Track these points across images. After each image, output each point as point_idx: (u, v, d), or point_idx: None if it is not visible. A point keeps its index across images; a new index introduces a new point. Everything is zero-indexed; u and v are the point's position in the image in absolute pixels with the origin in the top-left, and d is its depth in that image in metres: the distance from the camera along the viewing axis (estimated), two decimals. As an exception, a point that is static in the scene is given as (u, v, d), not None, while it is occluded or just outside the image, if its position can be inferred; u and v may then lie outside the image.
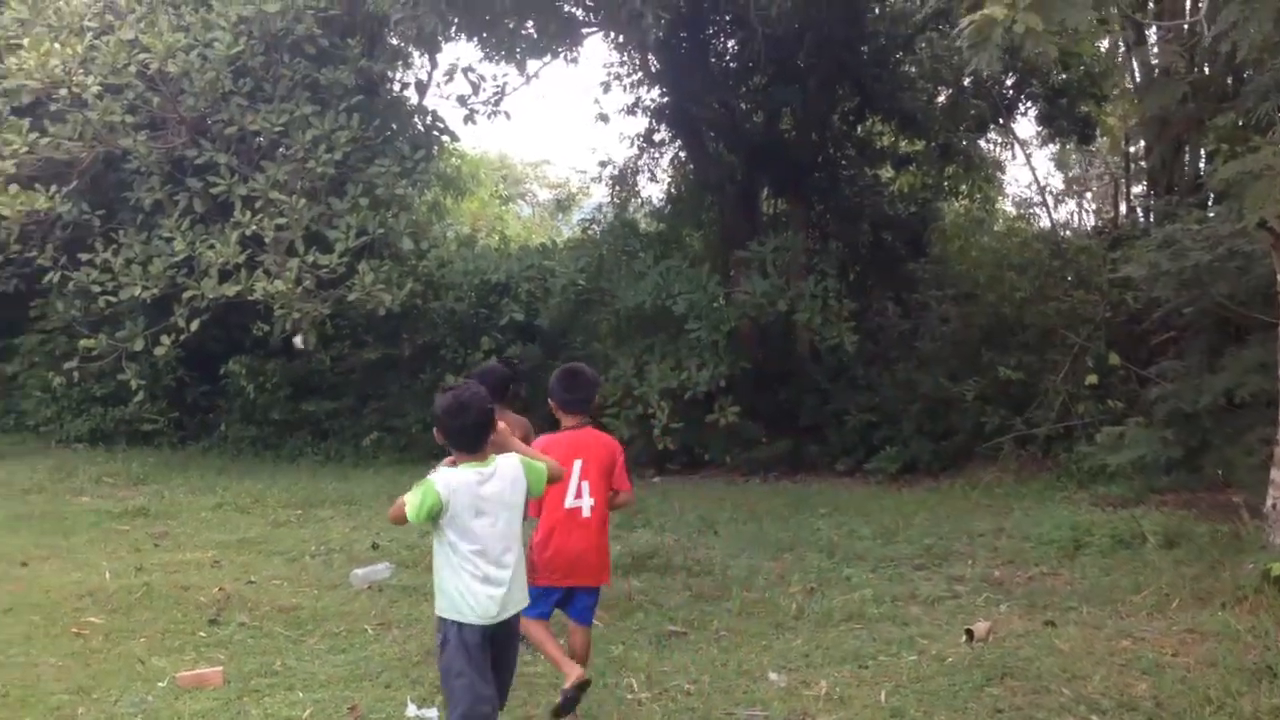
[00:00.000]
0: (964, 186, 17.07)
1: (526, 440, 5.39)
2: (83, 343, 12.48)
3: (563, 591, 5.31)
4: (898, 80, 15.08)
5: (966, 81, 14.72)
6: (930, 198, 16.51)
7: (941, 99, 15.75)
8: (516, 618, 4.44)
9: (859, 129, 16.22)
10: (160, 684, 5.83)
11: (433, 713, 5.41)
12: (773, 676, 5.86)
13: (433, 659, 6.20)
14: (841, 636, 6.56)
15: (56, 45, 11.08)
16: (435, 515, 4.16)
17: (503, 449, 4.43)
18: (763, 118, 15.51)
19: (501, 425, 4.50)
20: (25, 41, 11.20)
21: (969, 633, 6.37)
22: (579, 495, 5.24)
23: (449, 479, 4.20)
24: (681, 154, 17.02)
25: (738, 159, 14.97)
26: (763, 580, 7.94)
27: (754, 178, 15.05)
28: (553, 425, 5.53)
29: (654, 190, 18.51)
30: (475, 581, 4.21)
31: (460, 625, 4.24)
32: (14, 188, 11.24)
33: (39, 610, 7.15)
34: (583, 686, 5.01)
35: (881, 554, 8.64)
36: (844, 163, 15.92)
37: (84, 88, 11.33)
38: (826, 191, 15.42)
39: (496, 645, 4.33)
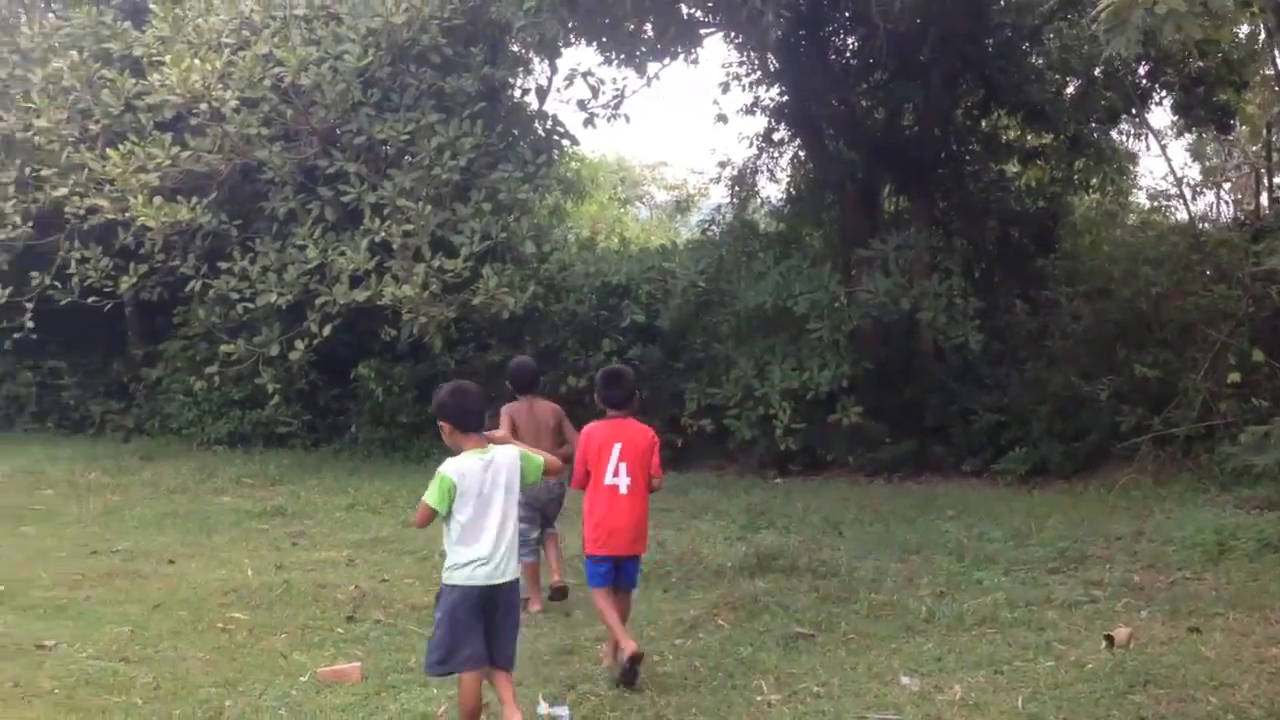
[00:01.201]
0: (1095, 180, 16.56)
1: (559, 422, 7.36)
2: (222, 348, 12.95)
3: (613, 562, 6.05)
4: (1024, 72, 14.70)
5: (1097, 71, 14.28)
6: (1059, 192, 16.05)
7: (1071, 90, 15.30)
8: (515, 586, 5.11)
9: (984, 123, 15.87)
10: (302, 678, 6.02)
11: (563, 710, 5.46)
12: (904, 680, 5.78)
13: (563, 657, 6.30)
14: (974, 641, 6.44)
15: (196, 61, 11.48)
16: (451, 498, 4.86)
17: (503, 444, 5.22)
18: (884, 114, 15.29)
19: (503, 433, 5.64)
20: (167, 59, 11.65)
21: (1109, 638, 6.19)
22: (616, 474, 6.04)
23: (457, 465, 4.91)
24: (801, 153, 16.88)
25: (858, 156, 14.78)
26: (891, 582, 7.84)
27: (875, 175, 14.84)
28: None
29: (773, 190, 18.38)
30: (473, 549, 4.90)
31: (454, 589, 4.93)
32: (158, 200, 11.71)
33: (187, 606, 7.44)
34: (637, 659, 5.70)
35: (1014, 557, 8.44)
36: (968, 158, 15.60)
37: (222, 102, 11.73)
38: (950, 188, 15.13)
39: (497, 608, 4.98)
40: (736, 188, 18.05)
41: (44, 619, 7.17)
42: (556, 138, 15.33)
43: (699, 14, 12.99)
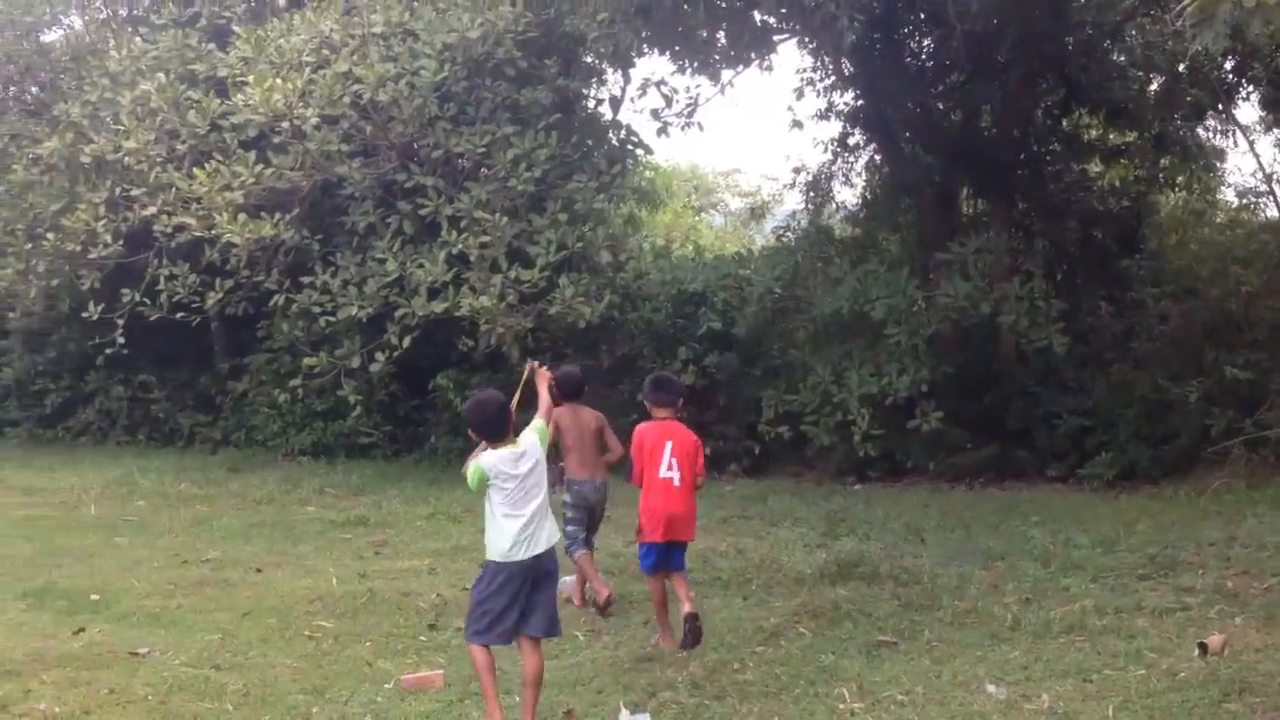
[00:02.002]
0: (1180, 178, 16.18)
1: (601, 427, 7.69)
2: (305, 361, 13.19)
3: (662, 548, 6.71)
4: (1106, 70, 14.42)
5: (1181, 68, 13.95)
6: (1144, 191, 15.71)
7: (1154, 87, 14.99)
8: (551, 557, 5.49)
9: (1065, 122, 15.60)
10: (386, 686, 6.11)
11: (645, 717, 5.47)
12: (990, 689, 5.69)
13: (644, 665, 6.31)
14: (1062, 649, 6.32)
15: (278, 81, 11.73)
16: (484, 484, 5.35)
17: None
18: (961, 116, 15.11)
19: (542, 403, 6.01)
20: (250, 79, 11.91)
21: (1202, 646, 6.04)
22: (670, 468, 6.76)
23: (490, 459, 5.38)
24: (876, 157, 16.74)
25: (935, 159, 14.61)
26: (974, 589, 7.72)
27: (952, 178, 14.67)
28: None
29: (848, 195, 18.23)
30: (514, 525, 5.34)
31: (497, 565, 5.38)
32: (242, 217, 11.96)
33: (274, 614, 7.58)
34: (692, 616, 6.56)
35: (1101, 563, 8.26)
36: (1049, 158, 15.33)
37: (303, 120, 11.96)
38: (1030, 189, 14.89)
39: (535, 581, 5.42)
40: (811, 193, 17.94)
41: (138, 627, 7.36)
42: (630, 147, 15.38)
43: (772, 20, 12.95)
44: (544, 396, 6.03)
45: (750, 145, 50.59)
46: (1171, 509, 10.40)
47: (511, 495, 5.35)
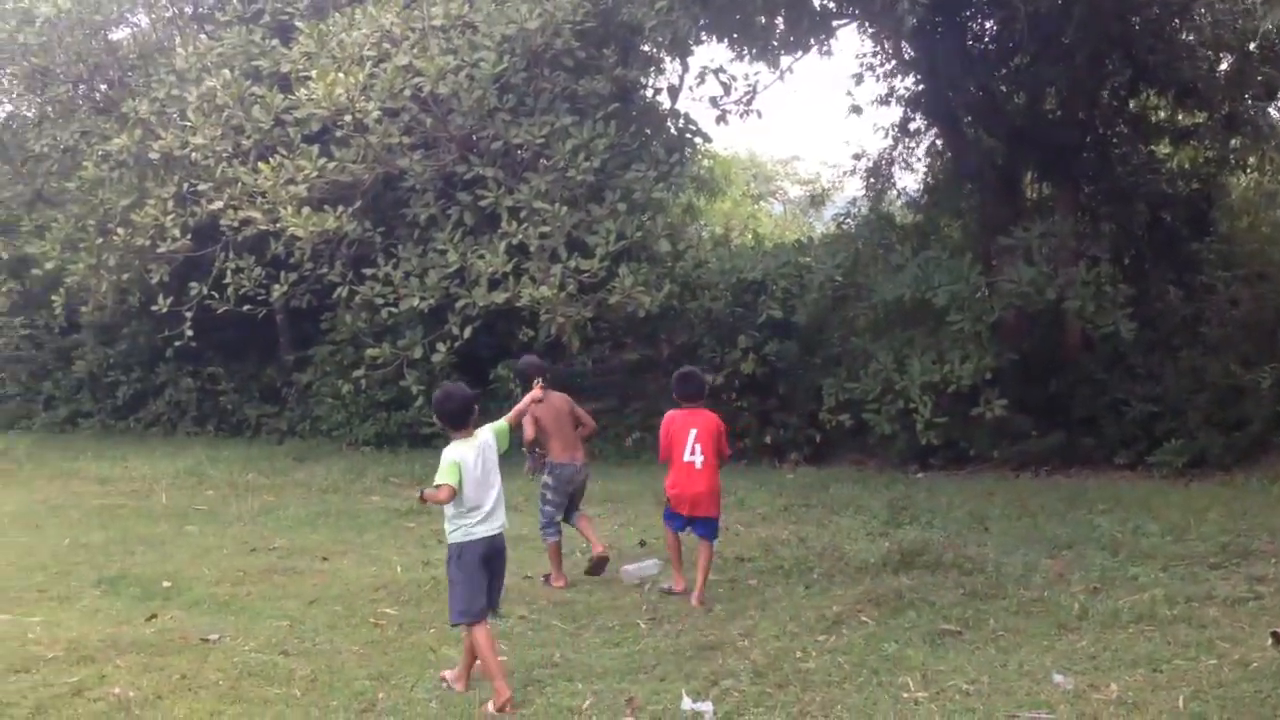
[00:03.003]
0: (1252, 159, 15.76)
1: (570, 408, 8.22)
2: (368, 352, 13.36)
3: (685, 517, 7.62)
4: (1175, 50, 14.10)
5: (1252, 46, 13.62)
6: (1214, 172, 15.36)
7: (1224, 67, 14.62)
8: (503, 539, 6.09)
9: (1132, 104, 15.28)
10: (449, 672, 6.16)
11: (707, 706, 5.47)
12: (1057, 679, 5.63)
13: (706, 653, 6.32)
14: (1131, 638, 6.23)
15: (340, 75, 11.84)
16: (460, 475, 5.83)
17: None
18: (1024, 99, 14.87)
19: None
20: (313, 74, 12.04)
21: (1275, 635, 5.94)
22: (693, 453, 7.51)
23: (458, 450, 5.92)
24: (938, 141, 16.53)
25: (998, 143, 14.41)
26: (1040, 579, 7.63)
27: (1016, 162, 14.45)
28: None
29: (910, 180, 18.04)
30: (476, 514, 5.92)
31: (463, 546, 5.93)
32: (306, 210, 12.10)
33: (340, 601, 7.70)
34: (698, 598, 7.41)
35: (1171, 552, 8.13)
36: (1115, 140, 15.04)
37: (365, 113, 12.07)
38: (1097, 172, 14.62)
39: (494, 556, 6.03)
40: (872, 180, 17.78)
41: (209, 614, 7.51)
42: (689, 136, 15.35)
43: (832, 5, 12.86)
44: (522, 405, 6.88)
45: (809, 132, 50.26)
46: (1244, 496, 10.20)
47: (475, 480, 5.89)
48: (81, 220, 14.37)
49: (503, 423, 6.32)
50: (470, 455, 5.93)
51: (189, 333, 13.59)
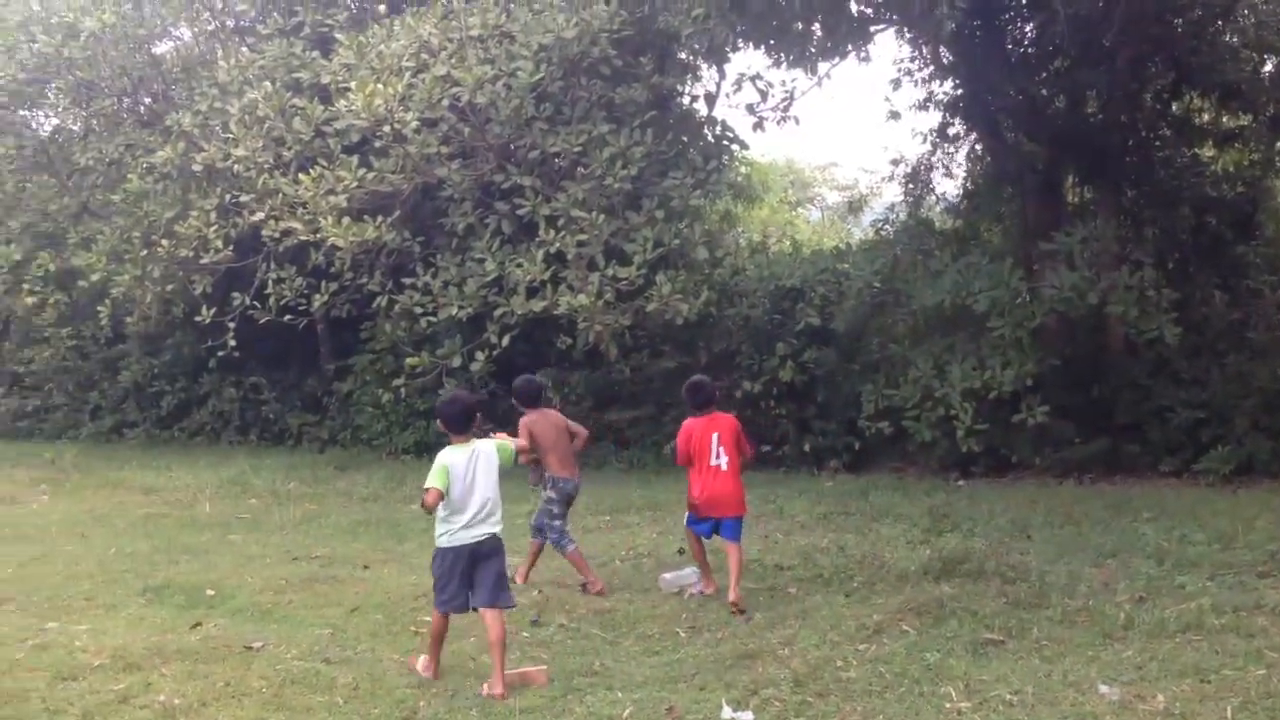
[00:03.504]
0: (1299, 161, 15.58)
1: (565, 423, 8.44)
2: (408, 361, 13.43)
3: (713, 521, 7.77)
4: (1217, 51, 13.93)
5: (1297, 46, 13.46)
6: (1260, 175, 15.13)
7: (1269, 68, 14.44)
8: (493, 541, 6.26)
9: (1174, 107, 15.10)
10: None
11: (748, 715, 5.46)
12: (1103, 689, 5.55)
13: (746, 662, 6.30)
14: (1179, 648, 6.14)
15: (379, 86, 11.93)
16: (448, 479, 6.11)
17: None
18: (1065, 103, 14.72)
19: (521, 442, 7.26)
20: (352, 85, 12.14)
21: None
22: (717, 456, 7.73)
23: (450, 455, 6.23)
24: (977, 146, 16.42)
25: (1039, 148, 14.27)
26: (1085, 587, 7.53)
27: (1057, 166, 14.32)
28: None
29: (949, 186, 17.93)
30: (459, 519, 6.18)
31: (447, 550, 6.22)
32: (346, 220, 12.21)
33: (381, 610, 7.74)
34: (734, 604, 7.40)
35: (1219, 560, 8.01)
36: (1158, 143, 14.87)
37: (404, 123, 12.15)
38: (1140, 175, 14.46)
39: (479, 560, 6.22)
40: (910, 185, 17.67)
41: (252, 621, 7.56)
42: (726, 143, 15.33)
43: (869, 10, 12.80)
44: (519, 441, 7.17)
45: (847, 138, 50.00)
46: (1293, 504, 10.03)
47: (459, 489, 6.16)
48: (126, 232, 14.58)
49: (507, 441, 6.65)
50: (461, 461, 6.21)
51: (232, 343, 13.73)
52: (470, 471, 6.20)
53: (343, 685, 6.15)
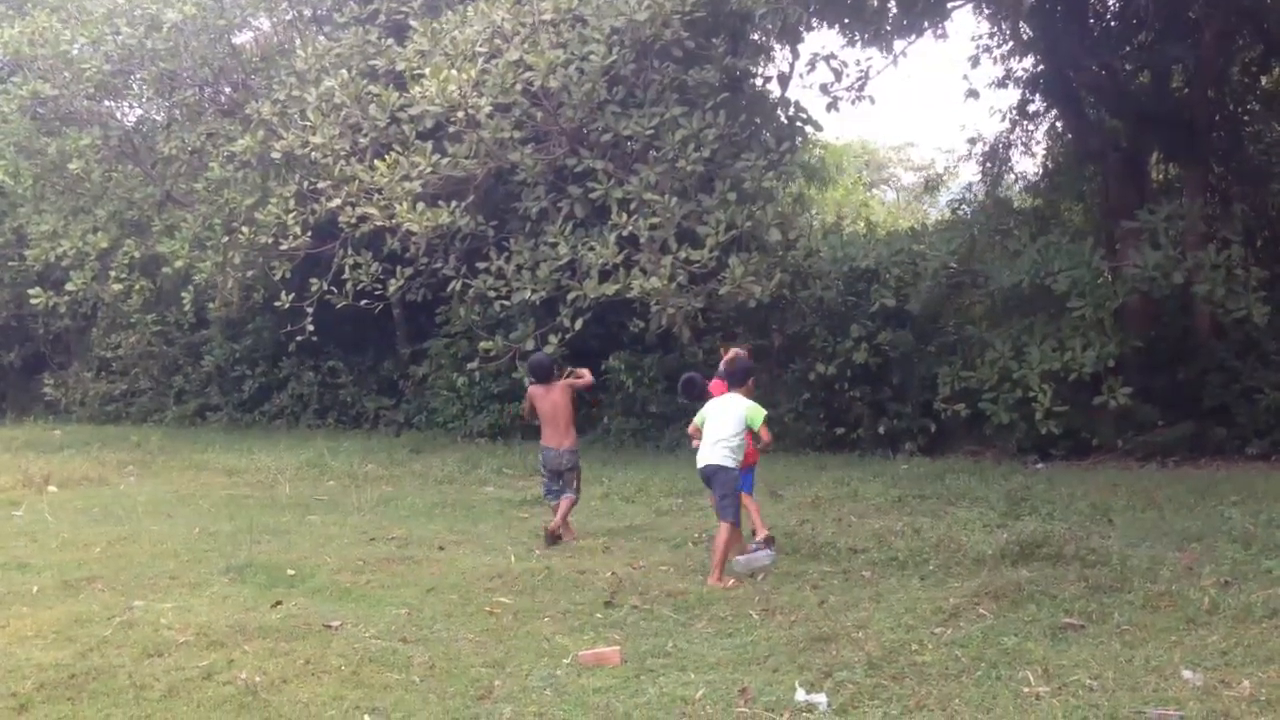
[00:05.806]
0: (1394, 134, 15.04)
1: (567, 399, 9.41)
2: (482, 345, 13.54)
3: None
4: (1309, 22, 13.50)
5: (1394, 14, 12.96)
6: (1352, 150, 14.70)
7: (1363, 38, 13.95)
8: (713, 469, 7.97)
9: (1263, 80, 14.69)
10: (564, 661, 6.21)
11: (821, 697, 5.41)
12: (1186, 674, 5.43)
13: (819, 645, 6.26)
14: (1265, 634, 5.97)
15: (453, 72, 12.01)
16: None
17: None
18: (1149, 78, 14.39)
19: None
20: (427, 71, 12.24)
21: None
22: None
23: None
24: (1058, 124, 16.14)
25: (1122, 124, 13.97)
26: (1168, 572, 7.36)
27: (1140, 142, 13.99)
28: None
29: (1028, 164, 17.76)
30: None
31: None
32: (421, 205, 12.32)
33: (456, 590, 7.80)
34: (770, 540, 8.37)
35: (1308, 545, 7.78)
36: (1247, 118, 14.48)
37: (477, 109, 12.22)
38: (1227, 151, 14.09)
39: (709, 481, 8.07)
40: (988, 164, 17.42)
41: (330, 601, 7.68)
42: (799, 124, 15.22)
43: (946, -14, 12.60)
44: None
45: (923, 117, 49.32)
46: (1388, 488, 9.71)
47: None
48: (208, 219, 14.88)
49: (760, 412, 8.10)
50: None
51: (310, 327, 13.95)
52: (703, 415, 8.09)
53: (419, 664, 6.22)
